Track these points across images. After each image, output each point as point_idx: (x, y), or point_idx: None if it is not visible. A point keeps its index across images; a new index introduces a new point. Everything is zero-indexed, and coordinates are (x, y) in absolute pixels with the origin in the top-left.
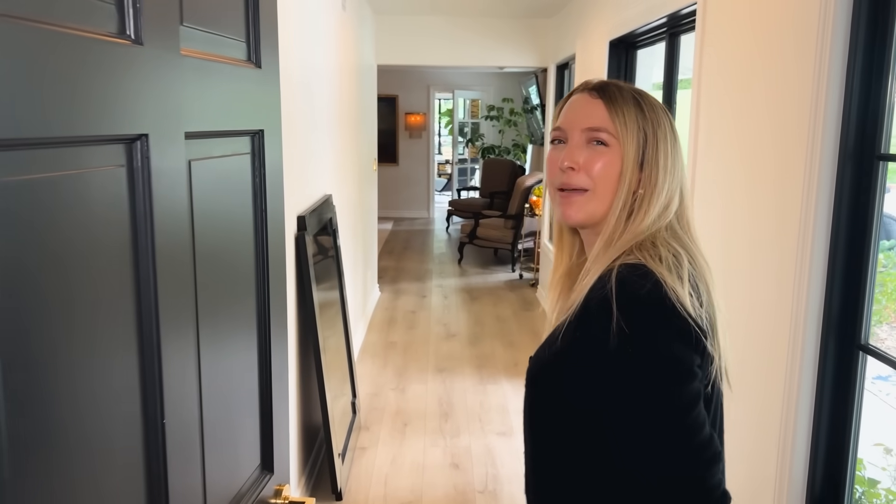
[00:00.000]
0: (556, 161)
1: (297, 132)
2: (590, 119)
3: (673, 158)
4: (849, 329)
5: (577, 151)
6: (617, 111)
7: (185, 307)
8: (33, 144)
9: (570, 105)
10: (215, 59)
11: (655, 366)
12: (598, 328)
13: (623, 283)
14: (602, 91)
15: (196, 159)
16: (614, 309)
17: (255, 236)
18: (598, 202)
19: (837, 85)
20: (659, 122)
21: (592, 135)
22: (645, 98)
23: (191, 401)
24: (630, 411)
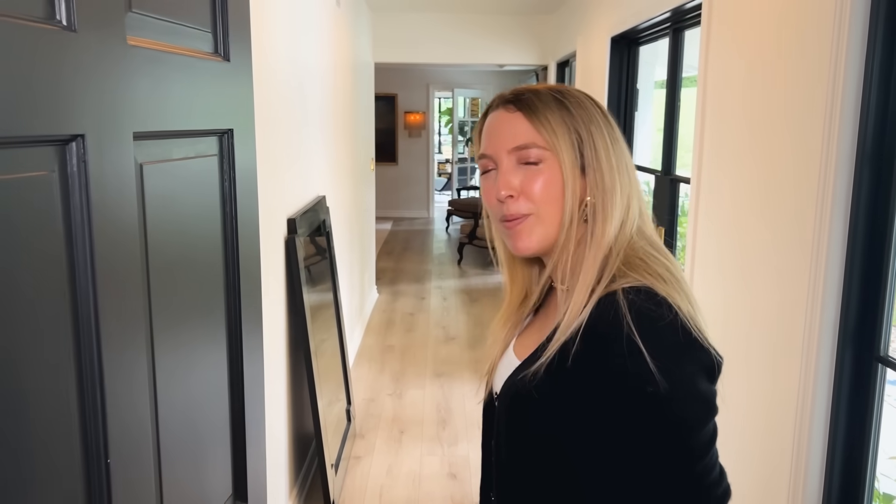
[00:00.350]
0: (491, 192)
1: (286, 132)
2: (515, 137)
3: (616, 153)
4: (866, 340)
5: (511, 176)
6: (540, 119)
7: (133, 326)
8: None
9: (488, 126)
10: (173, 50)
11: (687, 405)
12: (618, 364)
13: (641, 314)
14: (518, 101)
15: (149, 162)
16: (639, 344)
17: (225, 245)
18: (546, 225)
19: (855, 82)
20: (590, 118)
21: (522, 154)
22: (567, 95)
23: (143, 433)
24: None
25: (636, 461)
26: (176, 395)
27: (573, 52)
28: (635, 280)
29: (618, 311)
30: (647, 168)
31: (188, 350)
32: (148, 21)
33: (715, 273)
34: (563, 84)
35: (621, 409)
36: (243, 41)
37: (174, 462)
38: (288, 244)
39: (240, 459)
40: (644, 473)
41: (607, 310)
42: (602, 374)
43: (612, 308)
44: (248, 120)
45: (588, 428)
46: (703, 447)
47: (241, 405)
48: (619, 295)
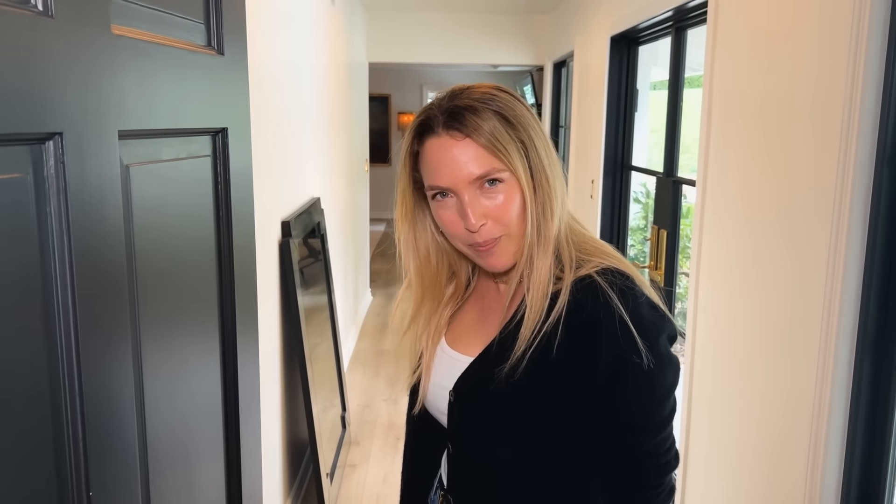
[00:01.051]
0: (455, 219)
1: (281, 132)
2: (472, 167)
3: (548, 148)
4: (886, 349)
5: (476, 204)
6: (493, 142)
7: (118, 338)
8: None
9: (435, 156)
10: (162, 41)
11: (667, 375)
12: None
13: (624, 294)
14: (463, 126)
15: (136, 164)
16: (630, 324)
17: (219, 250)
18: (517, 240)
19: (875, 79)
20: (526, 122)
21: (483, 181)
22: (502, 102)
23: (128, 457)
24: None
25: (619, 430)
26: (166, 409)
27: (570, 53)
28: (598, 263)
29: (603, 293)
30: (645, 169)
31: (180, 360)
32: (134, 9)
33: (723, 277)
34: (487, 86)
35: (613, 385)
36: (238, 34)
37: (164, 482)
38: (282, 247)
39: (234, 472)
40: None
41: (591, 294)
42: (595, 356)
43: (594, 291)
44: (243, 118)
45: (575, 408)
46: (672, 413)
47: (235, 416)
48: (594, 279)
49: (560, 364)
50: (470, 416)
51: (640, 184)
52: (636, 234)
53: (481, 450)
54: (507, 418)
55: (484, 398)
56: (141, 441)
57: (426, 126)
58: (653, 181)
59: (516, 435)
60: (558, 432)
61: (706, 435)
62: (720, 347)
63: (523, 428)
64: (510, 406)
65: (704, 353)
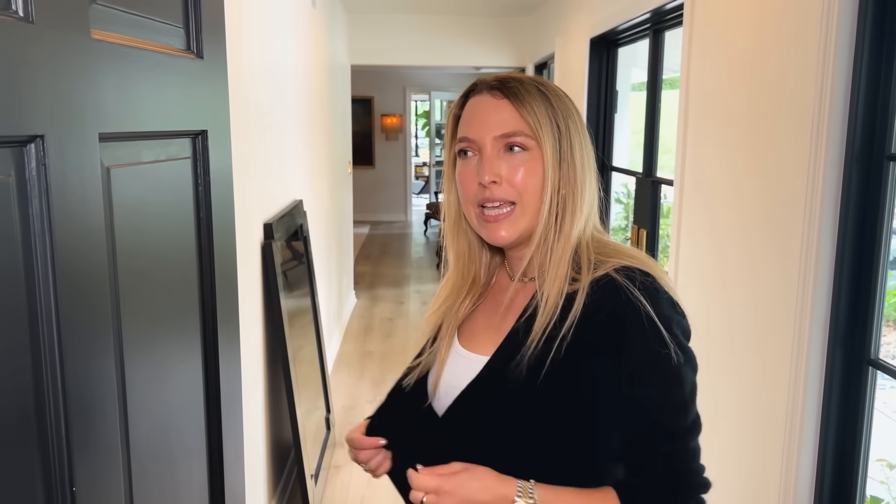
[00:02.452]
0: (471, 177)
1: (262, 134)
2: (501, 124)
3: (586, 151)
4: (857, 343)
5: (496, 162)
6: (528, 109)
7: (100, 339)
8: None
9: (472, 110)
10: (142, 45)
11: (690, 370)
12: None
13: (648, 291)
14: (505, 89)
15: (117, 166)
16: (655, 319)
17: (199, 252)
18: (527, 216)
19: (843, 81)
20: (569, 112)
21: (508, 141)
22: (549, 88)
23: (111, 453)
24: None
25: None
26: (149, 408)
27: (551, 54)
28: (617, 262)
29: (624, 292)
30: (625, 170)
31: (161, 361)
32: (114, 14)
33: (700, 274)
34: (539, 78)
35: (644, 382)
36: (217, 38)
37: (146, 481)
38: (265, 250)
39: (217, 473)
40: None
41: (611, 293)
42: (622, 356)
43: (615, 290)
44: (222, 121)
45: (600, 410)
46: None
47: (218, 417)
48: (614, 277)
49: (582, 365)
50: (485, 415)
51: (622, 184)
52: (618, 234)
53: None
54: (523, 421)
55: (501, 398)
56: (123, 438)
57: (472, 88)
58: (634, 182)
59: (530, 436)
60: (576, 435)
61: None
62: (698, 342)
63: (539, 431)
64: (528, 408)
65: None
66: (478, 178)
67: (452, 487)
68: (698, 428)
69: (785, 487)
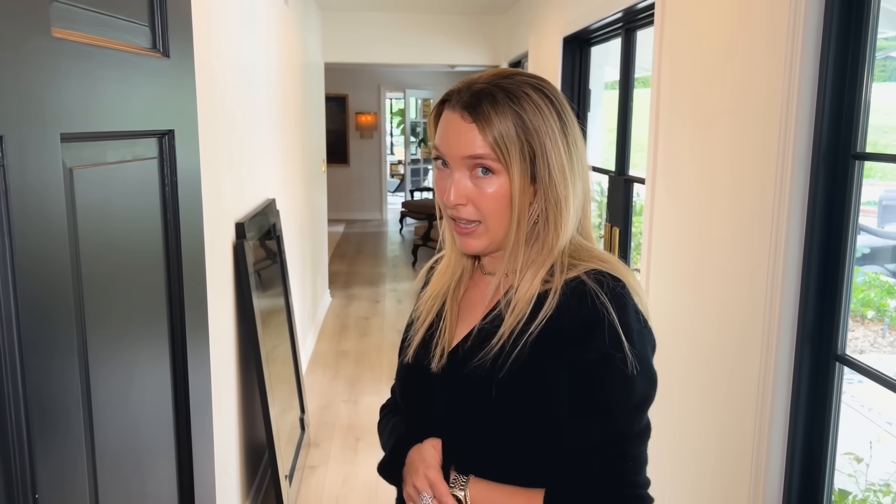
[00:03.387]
0: (442, 189)
1: (233, 133)
2: (468, 147)
3: (571, 161)
4: (824, 339)
5: (463, 184)
6: (495, 136)
7: (63, 344)
8: None
9: (445, 123)
10: (106, 44)
11: (646, 384)
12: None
13: (615, 298)
14: (474, 112)
15: (80, 166)
16: (618, 327)
17: (167, 253)
18: (492, 233)
19: (810, 80)
20: (547, 128)
21: (475, 163)
22: (526, 104)
23: (76, 459)
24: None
25: (586, 435)
26: (115, 412)
27: (525, 53)
28: (589, 266)
29: (592, 296)
30: (599, 168)
31: (128, 366)
32: (76, 12)
33: (671, 271)
34: (527, 77)
35: (595, 384)
36: (184, 36)
37: (113, 486)
38: (236, 249)
39: (186, 475)
40: (590, 448)
41: (579, 296)
42: (581, 358)
43: (583, 294)
44: (190, 120)
45: (550, 404)
46: (648, 429)
47: (187, 419)
48: (585, 281)
49: (543, 364)
50: (447, 404)
51: (596, 182)
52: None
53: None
54: (480, 414)
55: (463, 386)
56: (88, 443)
57: (450, 96)
58: (607, 180)
59: (487, 428)
60: (531, 432)
61: (656, 424)
62: (670, 339)
63: (496, 424)
64: (486, 401)
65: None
66: (446, 195)
67: None
68: (644, 437)
69: (755, 481)
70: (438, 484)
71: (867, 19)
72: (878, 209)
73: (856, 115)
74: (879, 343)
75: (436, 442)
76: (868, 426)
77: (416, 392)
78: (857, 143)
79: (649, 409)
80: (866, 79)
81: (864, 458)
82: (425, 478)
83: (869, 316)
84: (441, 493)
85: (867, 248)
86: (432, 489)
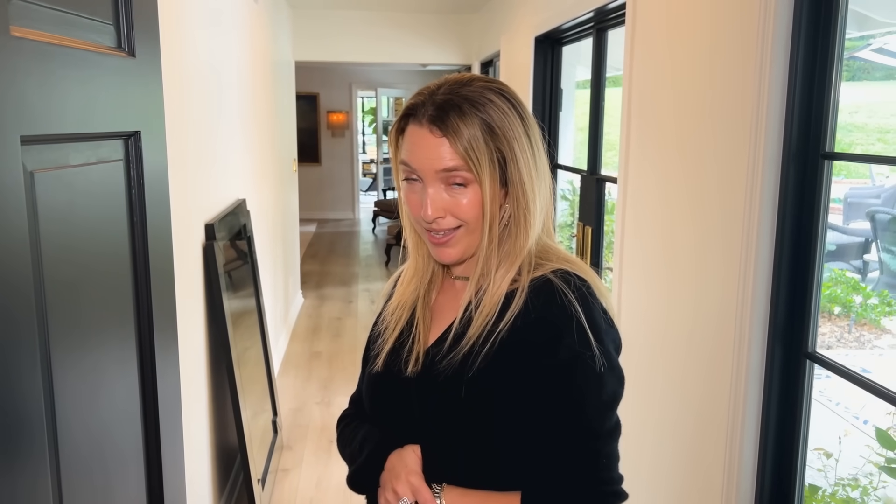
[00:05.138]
0: (418, 205)
1: (201, 133)
2: (440, 161)
3: (537, 164)
4: (795, 337)
5: (439, 197)
6: (465, 147)
7: (24, 352)
8: None
9: (413, 138)
10: (69, 43)
11: (614, 382)
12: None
13: (582, 298)
14: (443, 125)
15: (42, 170)
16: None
17: (134, 256)
18: (471, 235)
19: (780, 80)
20: (513, 134)
21: (448, 176)
22: (491, 110)
23: (40, 475)
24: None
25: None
26: (80, 420)
27: (497, 52)
28: (555, 266)
29: (559, 295)
30: (571, 167)
31: (94, 372)
32: (36, 10)
33: (644, 270)
34: (487, 83)
35: (566, 383)
36: (150, 35)
37: (79, 491)
38: (206, 251)
39: (156, 482)
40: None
41: (545, 295)
42: (550, 356)
43: (550, 293)
44: (157, 121)
45: (521, 403)
46: (618, 427)
47: (155, 424)
48: (551, 280)
49: (512, 363)
50: (423, 401)
51: (567, 181)
52: (564, 230)
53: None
54: (451, 413)
55: (436, 388)
56: (52, 451)
57: (414, 110)
58: (579, 179)
59: (465, 428)
60: (507, 430)
61: (630, 423)
62: (643, 338)
63: (471, 421)
64: (456, 401)
65: (628, 344)
66: (421, 210)
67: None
68: (616, 434)
69: (728, 477)
70: (422, 490)
71: (836, 20)
72: (843, 207)
73: (825, 116)
74: (846, 338)
75: (416, 448)
76: (836, 421)
77: (388, 400)
78: (827, 143)
79: (618, 406)
80: (835, 79)
81: (833, 454)
82: (408, 483)
83: (836, 312)
84: (425, 499)
85: (833, 245)
86: (415, 495)
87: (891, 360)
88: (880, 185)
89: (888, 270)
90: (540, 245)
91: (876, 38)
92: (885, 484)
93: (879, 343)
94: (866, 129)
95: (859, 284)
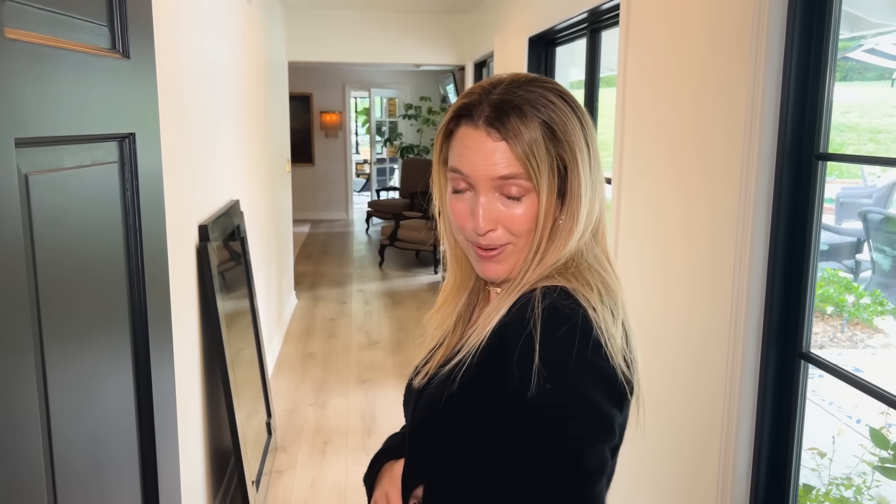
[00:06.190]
0: (466, 214)
1: (195, 134)
2: (497, 168)
3: (594, 175)
4: (790, 337)
5: (492, 208)
6: (527, 154)
7: (18, 354)
8: None
9: (466, 141)
10: (63, 45)
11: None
12: (509, 360)
13: (550, 310)
14: (502, 128)
15: (36, 172)
16: (536, 346)
17: (128, 258)
18: (520, 252)
19: (774, 81)
20: (575, 141)
21: (505, 185)
22: (552, 112)
23: (35, 479)
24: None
25: (522, 474)
26: (75, 423)
27: (491, 53)
28: (557, 281)
29: (526, 306)
30: None
31: (89, 374)
32: (31, 11)
33: (639, 270)
34: (546, 83)
35: (504, 412)
36: (145, 36)
37: (74, 495)
38: (200, 252)
39: (151, 483)
40: (528, 488)
41: (523, 307)
42: (497, 374)
43: (522, 304)
44: (151, 122)
45: (481, 430)
46: (590, 472)
47: (150, 425)
48: (535, 292)
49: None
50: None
51: None
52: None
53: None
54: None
55: (423, 400)
56: (47, 454)
57: (468, 110)
58: None
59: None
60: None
61: None
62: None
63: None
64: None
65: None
66: (472, 220)
67: None
68: (583, 486)
69: (723, 478)
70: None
71: (829, 21)
72: (835, 206)
73: (818, 116)
74: (839, 338)
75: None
76: (829, 420)
77: (405, 409)
78: (821, 144)
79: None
80: (829, 80)
81: (826, 453)
82: (385, 495)
83: (828, 311)
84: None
85: (826, 245)
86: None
87: (883, 359)
88: (872, 184)
89: (880, 270)
90: (578, 260)
91: (867, 39)
92: (879, 483)
93: (872, 342)
94: (858, 130)
95: (852, 284)
